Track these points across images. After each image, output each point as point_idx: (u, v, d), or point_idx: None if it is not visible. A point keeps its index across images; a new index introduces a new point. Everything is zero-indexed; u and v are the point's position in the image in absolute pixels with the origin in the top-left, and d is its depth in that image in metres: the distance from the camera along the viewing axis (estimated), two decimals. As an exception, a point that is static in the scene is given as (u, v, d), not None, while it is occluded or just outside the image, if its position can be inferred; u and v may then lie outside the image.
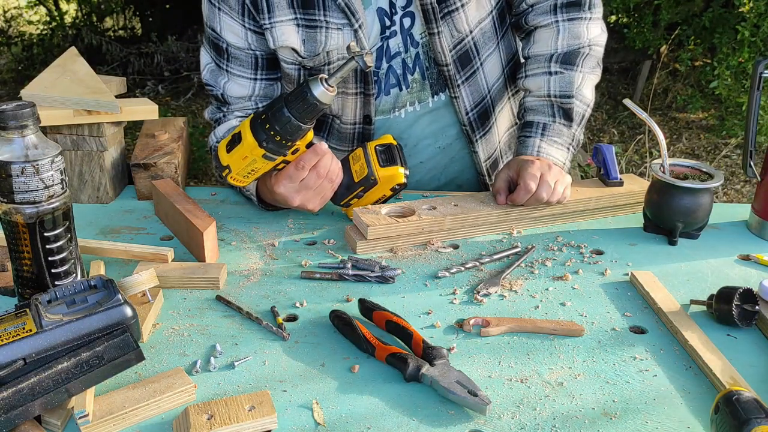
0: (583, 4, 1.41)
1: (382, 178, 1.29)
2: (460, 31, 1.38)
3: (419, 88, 1.44)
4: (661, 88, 5.05)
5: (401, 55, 1.40)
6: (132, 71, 5.57)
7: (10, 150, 0.92)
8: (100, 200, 1.44)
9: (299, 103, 1.11)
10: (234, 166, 1.19)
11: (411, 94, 1.45)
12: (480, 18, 1.41)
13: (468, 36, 1.40)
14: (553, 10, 1.41)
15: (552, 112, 1.39)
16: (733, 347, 0.99)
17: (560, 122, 1.39)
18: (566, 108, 1.39)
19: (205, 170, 4.20)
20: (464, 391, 0.85)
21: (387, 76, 1.43)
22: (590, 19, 1.42)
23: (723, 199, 3.79)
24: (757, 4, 3.88)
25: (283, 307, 1.07)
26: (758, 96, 1.30)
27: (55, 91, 1.37)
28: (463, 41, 1.40)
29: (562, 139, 1.38)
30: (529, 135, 1.39)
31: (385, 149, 1.32)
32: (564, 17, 1.41)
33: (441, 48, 1.38)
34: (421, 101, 1.45)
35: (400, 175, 1.29)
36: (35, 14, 7.13)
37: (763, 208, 1.32)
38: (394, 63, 1.41)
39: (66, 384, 0.81)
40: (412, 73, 1.42)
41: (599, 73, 1.44)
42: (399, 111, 1.46)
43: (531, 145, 1.37)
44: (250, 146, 1.15)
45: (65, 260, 1.01)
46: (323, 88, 1.11)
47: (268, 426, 0.81)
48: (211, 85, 1.44)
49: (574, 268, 1.20)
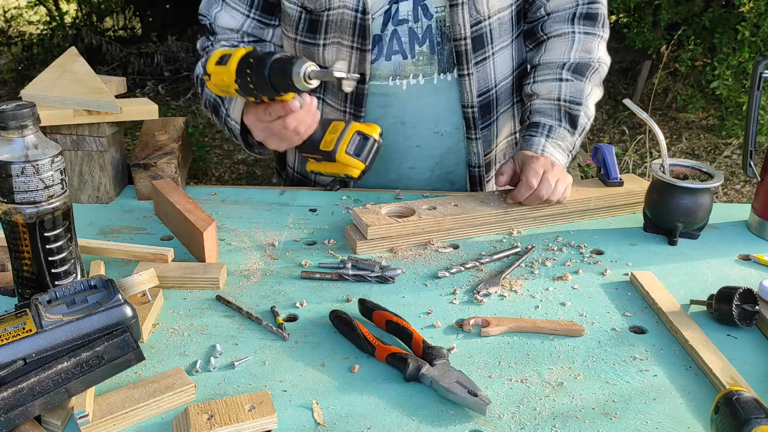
0: (598, 21, 1.46)
1: (340, 162, 1.31)
2: (480, 11, 1.39)
3: (426, 61, 1.43)
4: (661, 88, 5.05)
5: (409, 22, 1.39)
6: (132, 71, 5.57)
7: (10, 150, 0.92)
8: (100, 200, 1.44)
9: (280, 74, 1.11)
10: (213, 78, 1.21)
11: (416, 66, 1.43)
12: (500, 7, 1.42)
13: (486, 20, 1.41)
14: (570, 19, 1.45)
15: (559, 117, 1.40)
16: (733, 347, 0.99)
17: (565, 127, 1.40)
18: (573, 114, 1.40)
19: (205, 170, 4.20)
20: (464, 391, 0.85)
21: (390, 41, 1.41)
22: (601, 38, 1.47)
23: (723, 199, 3.79)
24: (757, 4, 3.88)
25: (283, 307, 1.07)
26: (758, 96, 1.30)
27: (55, 91, 1.37)
28: (480, 23, 1.41)
29: (564, 143, 1.39)
30: (534, 134, 1.39)
31: (362, 139, 1.32)
32: (580, 29, 1.45)
33: (462, 20, 1.38)
34: (426, 75, 1.44)
35: (355, 171, 1.32)
36: (35, 14, 7.14)
37: (763, 208, 1.32)
38: (399, 29, 1.40)
39: (66, 384, 0.81)
40: (421, 44, 1.41)
41: (601, 92, 1.47)
42: (401, 81, 1.44)
43: (536, 144, 1.37)
44: (229, 75, 1.16)
45: (65, 260, 1.01)
46: (302, 75, 1.10)
47: (268, 426, 0.81)
48: (203, 14, 1.46)
49: (574, 268, 1.20)
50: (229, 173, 4.29)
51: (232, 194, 1.48)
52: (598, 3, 1.46)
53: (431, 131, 1.50)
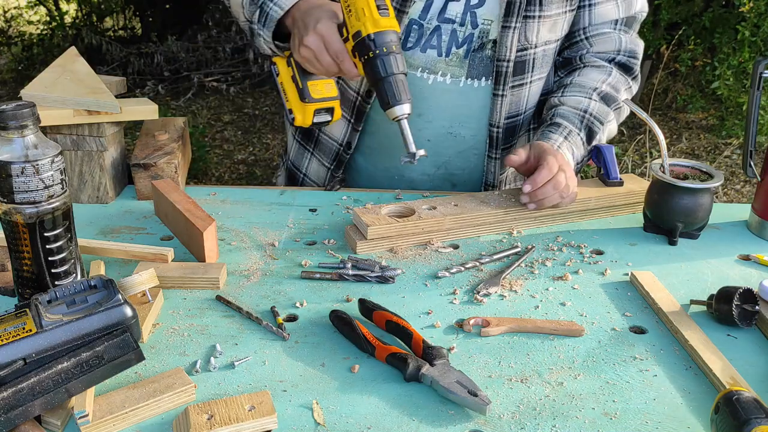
0: (632, 73, 1.52)
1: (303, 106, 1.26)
2: (528, 39, 1.41)
3: (458, 64, 1.43)
4: (661, 88, 5.05)
5: (454, 23, 1.40)
6: (132, 71, 5.57)
7: (10, 150, 0.92)
8: (100, 200, 1.44)
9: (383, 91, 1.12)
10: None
11: (448, 66, 1.43)
12: (548, 39, 1.45)
13: (532, 48, 1.43)
14: (609, 61, 1.50)
15: (580, 126, 1.42)
16: (733, 347, 0.99)
17: (582, 137, 1.42)
18: (593, 129, 1.42)
19: (205, 170, 4.20)
20: (464, 391, 0.85)
21: (431, 35, 1.41)
22: (629, 88, 1.52)
23: (723, 199, 3.79)
24: (757, 4, 3.88)
25: (283, 307, 1.07)
26: (758, 96, 1.30)
27: (55, 91, 1.37)
28: (526, 50, 1.43)
29: (577, 151, 1.41)
30: (553, 132, 1.40)
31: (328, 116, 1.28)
32: (617, 70, 1.50)
33: (510, 43, 1.40)
34: (454, 77, 1.44)
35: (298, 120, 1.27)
36: (35, 14, 7.14)
37: (763, 208, 1.32)
38: (443, 27, 1.40)
39: (66, 384, 0.81)
40: (458, 47, 1.42)
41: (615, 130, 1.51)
42: (429, 75, 1.44)
43: (554, 140, 1.38)
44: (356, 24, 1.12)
45: (65, 260, 1.01)
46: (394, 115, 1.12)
47: (268, 426, 0.81)
48: None
49: (574, 268, 1.20)
50: (229, 173, 4.29)
51: (232, 194, 1.48)
52: (636, 59, 1.52)
53: (446, 130, 1.50)
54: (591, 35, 1.49)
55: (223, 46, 5.70)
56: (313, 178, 1.64)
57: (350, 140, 1.54)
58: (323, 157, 1.60)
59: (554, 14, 1.41)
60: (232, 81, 5.67)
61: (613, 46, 1.49)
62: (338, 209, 1.41)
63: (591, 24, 1.48)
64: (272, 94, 5.61)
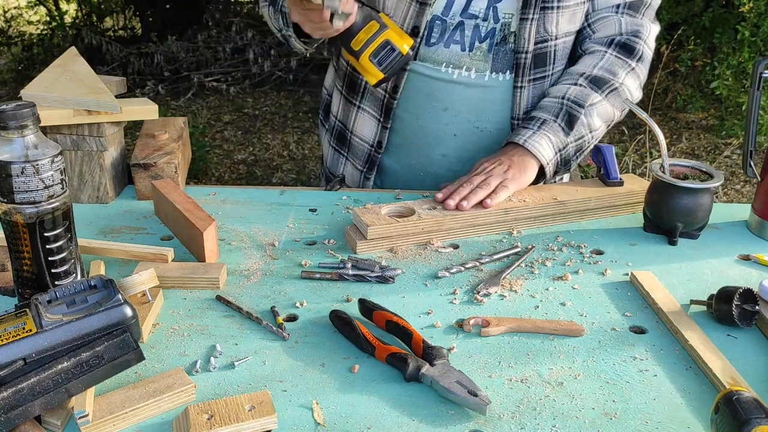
0: (634, 53, 1.45)
1: (361, 65, 1.33)
2: (548, 31, 1.41)
3: (481, 58, 1.43)
4: (661, 88, 5.05)
5: (477, 19, 1.40)
6: (132, 71, 5.57)
7: (10, 150, 0.92)
8: (100, 200, 1.44)
9: None
10: None
11: (471, 60, 1.43)
12: (568, 30, 1.44)
13: (552, 40, 1.43)
14: (607, 44, 1.47)
15: (557, 113, 1.40)
16: (733, 347, 0.99)
17: (560, 124, 1.39)
18: (572, 114, 1.39)
19: (205, 170, 4.20)
20: (464, 391, 0.85)
21: (454, 30, 1.41)
22: (631, 69, 1.45)
23: (723, 199, 3.79)
24: (757, 3, 3.88)
25: (283, 307, 1.07)
26: (758, 96, 1.30)
27: (55, 91, 1.37)
28: (546, 42, 1.42)
29: (555, 138, 1.38)
30: (525, 126, 1.40)
31: (389, 50, 1.32)
32: (613, 53, 1.46)
33: (528, 35, 1.40)
34: (478, 71, 1.44)
35: (372, 79, 1.34)
36: (35, 14, 7.14)
37: (763, 208, 1.32)
38: (467, 22, 1.40)
39: (66, 384, 0.81)
40: (481, 42, 1.42)
41: (615, 113, 1.45)
42: (453, 70, 1.44)
43: (522, 134, 1.38)
44: None
45: (65, 260, 1.01)
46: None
47: (268, 426, 0.81)
48: None
49: (574, 268, 1.20)
50: (229, 173, 4.29)
51: (232, 194, 1.48)
52: (638, 38, 1.46)
53: (472, 124, 1.50)
54: (592, 21, 1.47)
55: (223, 46, 5.70)
56: (348, 183, 1.65)
57: (380, 139, 1.54)
58: (356, 160, 1.61)
59: (572, 4, 1.41)
60: (232, 81, 5.67)
61: (613, 30, 1.46)
62: (338, 209, 1.41)
63: (594, 10, 1.46)
64: (272, 94, 5.61)
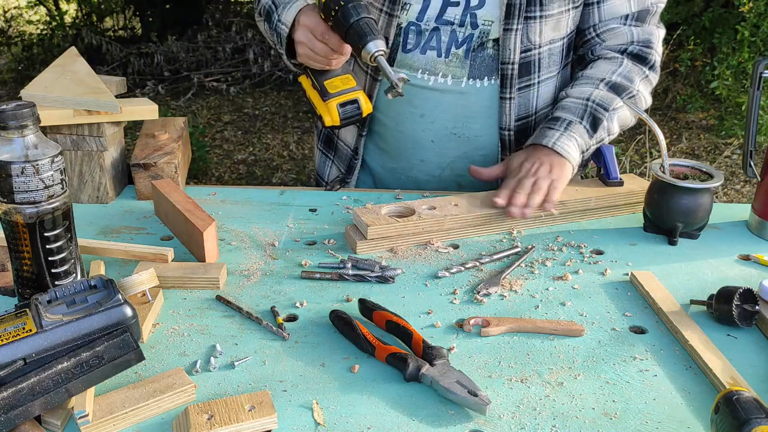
0: (647, 62, 1.47)
1: (326, 106, 1.33)
2: (531, 40, 1.41)
3: (458, 64, 1.43)
4: (660, 88, 5.04)
5: (453, 25, 1.40)
6: (132, 71, 5.58)
7: (10, 150, 0.92)
8: (100, 200, 1.44)
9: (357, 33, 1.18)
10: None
11: (448, 66, 1.43)
12: (552, 38, 1.44)
13: (536, 49, 1.43)
14: (621, 52, 1.48)
15: (582, 115, 1.40)
16: (733, 347, 0.99)
17: (585, 126, 1.40)
18: (597, 117, 1.40)
19: (205, 170, 4.20)
20: (464, 391, 0.85)
21: (430, 36, 1.41)
22: (646, 77, 1.47)
23: (723, 199, 3.79)
24: (757, 3, 3.88)
25: (283, 307, 1.07)
26: (758, 96, 1.31)
27: (55, 91, 1.37)
28: (530, 51, 1.42)
29: (582, 140, 1.39)
30: (551, 127, 1.39)
31: (356, 107, 1.33)
32: (628, 61, 1.47)
33: (513, 45, 1.40)
34: (455, 77, 1.44)
35: (328, 121, 1.33)
36: (35, 14, 7.14)
37: (763, 208, 1.32)
38: (443, 29, 1.40)
39: (66, 384, 0.81)
40: (458, 48, 1.42)
41: (630, 120, 1.47)
42: (429, 76, 1.44)
43: (549, 136, 1.37)
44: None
45: (65, 260, 1.01)
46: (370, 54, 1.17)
47: (268, 426, 0.81)
48: None
49: (574, 268, 1.20)
50: (229, 173, 4.29)
51: (232, 194, 1.48)
52: (651, 49, 1.47)
53: (449, 131, 1.50)
54: (601, 32, 1.47)
55: (223, 46, 5.70)
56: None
57: (357, 146, 1.57)
58: (340, 163, 1.63)
59: (556, 13, 1.41)
60: (232, 81, 5.67)
61: (624, 39, 1.47)
62: (338, 209, 1.41)
63: (601, 21, 1.46)
64: (272, 94, 5.61)
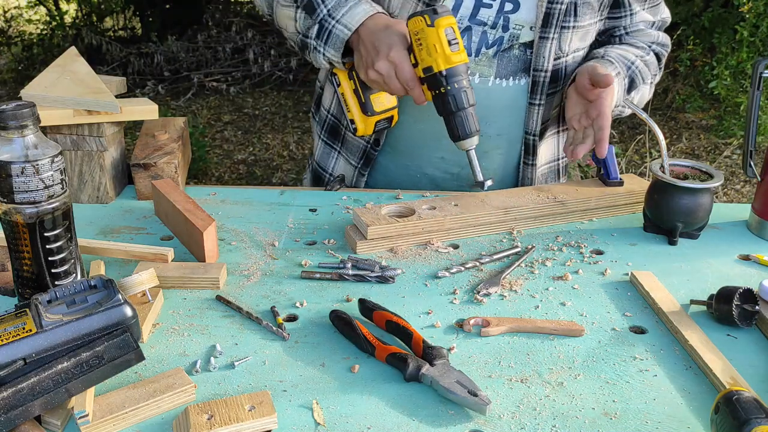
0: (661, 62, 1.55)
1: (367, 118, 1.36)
2: (562, 49, 1.43)
3: (486, 63, 1.43)
4: (660, 88, 5.05)
5: (486, 26, 1.40)
6: (132, 71, 5.58)
7: (10, 150, 0.92)
8: (100, 200, 1.44)
9: (457, 124, 1.23)
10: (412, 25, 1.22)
11: (477, 65, 1.43)
12: (577, 48, 1.46)
13: (564, 57, 1.44)
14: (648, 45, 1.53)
15: (625, 73, 1.42)
16: (733, 347, 0.99)
17: (625, 83, 1.42)
18: (634, 80, 1.44)
19: (205, 170, 4.21)
20: (464, 391, 0.85)
21: (462, 34, 1.40)
22: (654, 75, 1.53)
23: (723, 199, 3.80)
24: (757, 4, 3.88)
25: (283, 307, 1.07)
26: (758, 96, 1.31)
27: (55, 91, 1.37)
28: (559, 59, 1.44)
29: (621, 91, 1.41)
30: (608, 65, 1.41)
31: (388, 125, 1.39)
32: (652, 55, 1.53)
33: (547, 53, 1.41)
34: (482, 76, 1.44)
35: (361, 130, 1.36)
36: (35, 14, 7.14)
37: (763, 208, 1.32)
38: (475, 28, 1.40)
39: (66, 384, 0.81)
40: (488, 47, 1.42)
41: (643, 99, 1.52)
42: None
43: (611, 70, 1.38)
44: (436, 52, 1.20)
45: (65, 260, 1.01)
46: (463, 143, 1.24)
47: (268, 426, 0.81)
48: None
49: (574, 268, 1.20)
50: (229, 173, 4.29)
51: (232, 194, 1.48)
52: (666, 52, 1.55)
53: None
54: (631, 31, 1.52)
55: (223, 46, 5.70)
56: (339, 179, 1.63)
57: (378, 137, 1.52)
58: (350, 155, 1.59)
59: (587, 24, 1.43)
60: (232, 81, 5.67)
61: (649, 39, 1.52)
62: (338, 209, 1.41)
63: (631, 23, 1.52)
64: (272, 94, 5.61)
